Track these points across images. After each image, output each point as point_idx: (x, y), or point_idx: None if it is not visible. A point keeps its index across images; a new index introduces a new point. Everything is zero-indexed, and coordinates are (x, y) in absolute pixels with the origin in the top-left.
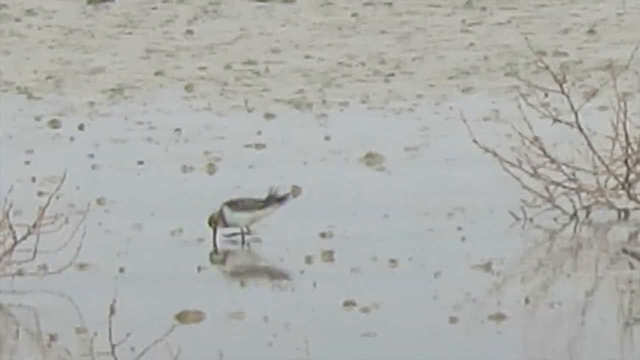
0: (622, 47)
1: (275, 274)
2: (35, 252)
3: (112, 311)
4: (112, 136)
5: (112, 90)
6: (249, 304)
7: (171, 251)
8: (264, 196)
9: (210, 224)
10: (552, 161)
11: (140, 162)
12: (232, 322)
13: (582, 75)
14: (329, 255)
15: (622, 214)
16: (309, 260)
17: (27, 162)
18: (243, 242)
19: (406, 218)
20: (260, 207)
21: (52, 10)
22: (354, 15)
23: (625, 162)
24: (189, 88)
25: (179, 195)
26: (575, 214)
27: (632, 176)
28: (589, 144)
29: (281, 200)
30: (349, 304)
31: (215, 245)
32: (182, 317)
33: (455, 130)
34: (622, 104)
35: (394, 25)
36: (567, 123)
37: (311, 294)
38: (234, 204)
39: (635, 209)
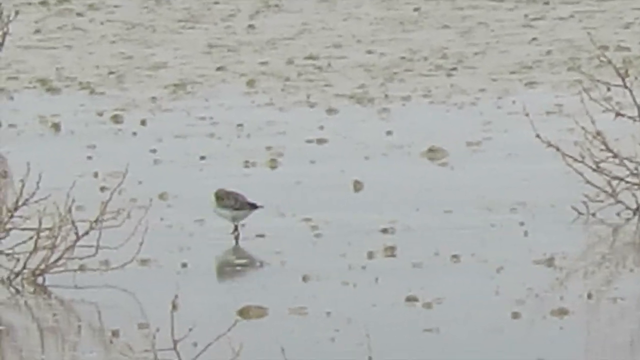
0: None
1: (337, 269)
2: (97, 248)
3: (174, 307)
4: (174, 131)
5: (175, 85)
6: (311, 300)
7: (232, 247)
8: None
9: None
10: (615, 156)
11: (203, 157)
12: (295, 318)
13: None
14: (391, 251)
15: None
16: (370, 255)
17: (90, 158)
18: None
19: (468, 213)
20: (236, 209)
21: (114, 5)
22: (416, 9)
23: None
24: (251, 83)
25: (241, 190)
26: (638, 209)
27: None
28: None
29: (252, 206)
30: (411, 299)
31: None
32: (244, 312)
33: (517, 124)
34: None
35: (456, 19)
36: (629, 117)
37: (373, 290)
38: (220, 199)
39: None
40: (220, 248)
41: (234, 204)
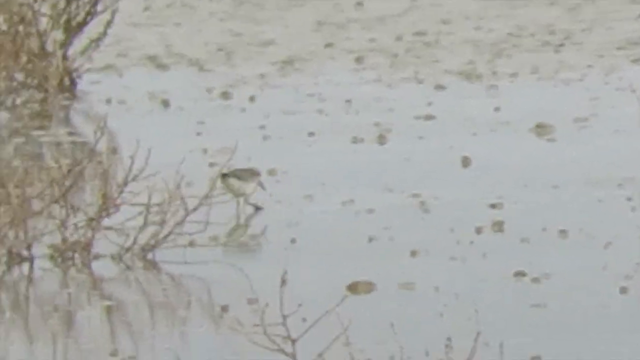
0: None
1: (445, 245)
2: (207, 223)
3: (284, 282)
4: (283, 108)
5: (283, 62)
6: (420, 275)
7: (342, 222)
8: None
9: None
10: None
11: (311, 134)
12: (403, 293)
13: None
14: (499, 226)
15: None
16: (479, 230)
17: (199, 134)
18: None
19: (576, 188)
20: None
21: None
22: None
23: None
24: (359, 60)
25: (349, 166)
26: None
27: None
28: None
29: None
30: (519, 274)
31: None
32: (353, 288)
33: (624, 100)
34: None
35: None
36: None
37: (481, 265)
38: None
39: None
40: (329, 223)
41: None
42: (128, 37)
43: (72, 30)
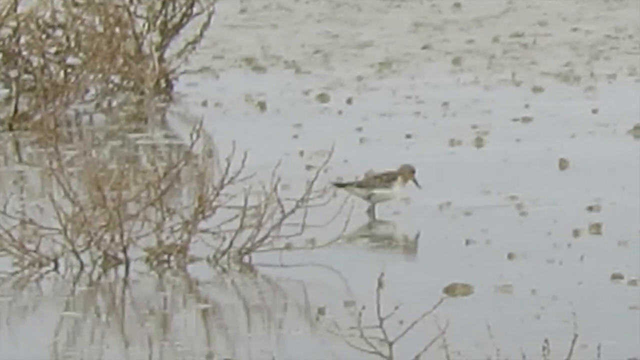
0: None
1: (543, 247)
2: (303, 226)
3: (381, 284)
4: (380, 110)
5: (380, 64)
6: (517, 277)
7: (439, 224)
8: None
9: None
10: None
11: (408, 136)
12: (501, 296)
13: None
14: (596, 228)
15: None
16: (576, 233)
17: (296, 136)
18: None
19: None
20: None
21: None
22: None
23: None
24: (456, 61)
25: (447, 168)
26: None
27: None
28: None
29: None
30: (616, 277)
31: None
32: (450, 290)
33: None
34: None
35: None
36: None
37: (578, 267)
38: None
39: None
40: (427, 226)
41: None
42: (224, 39)
43: (168, 32)
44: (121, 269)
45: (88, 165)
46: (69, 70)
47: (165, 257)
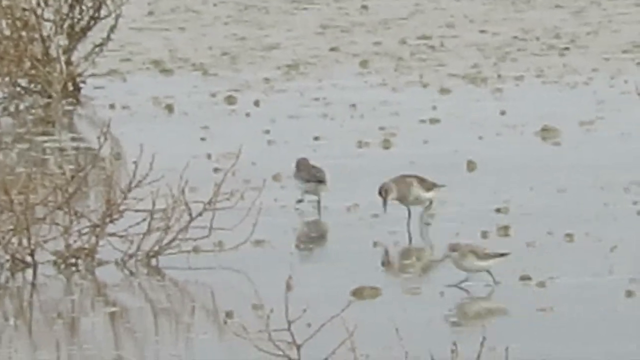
0: None
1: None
2: (211, 229)
3: (288, 287)
4: (288, 112)
5: (288, 66)
6: (425, 280)
7: (347, 227)
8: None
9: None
10: None
11: (316, 138)
12: (409, 298)
13: None
14: (504, 230)
15: None
16: (484, 235)
17: (203, 139)
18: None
19: (582, 192)
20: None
21: None
22: None
23: None
24: (364, 64)
25: (354, 170)
26: None
27: None
28: None
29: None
30: (525, 278)
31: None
32: (358, 293)
33: (630, 104)
34: None
35: None
36: None
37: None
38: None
39: None
40: (334, 229)
41: (305, 176)
42: (132, 42)
43: (75, 35)
44: (29, 272)
45: None
46: None
47: (73, 260)
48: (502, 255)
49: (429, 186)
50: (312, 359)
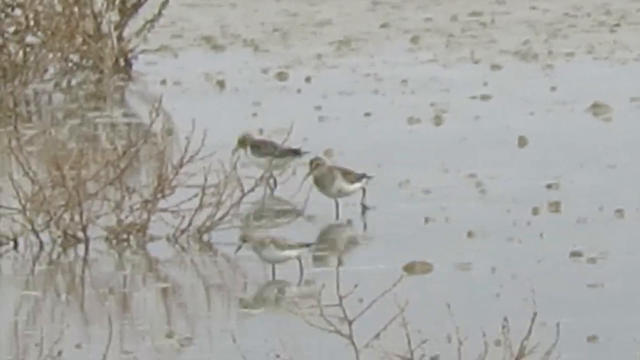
0: None
1: (502, 225)
2: (263, 205)
3: (340, 263)
4: (339, 88)
5: (339, 42)
6: (477, 255)
7: (398, 202)
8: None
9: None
10: None
11: (367, 114)
12: (460, 274)
13: None
14: (555, 206)
15: None
16: (535, 211)
17: (255, 114)
18: (273, 187)
19: (633, 168)
20: (277, 156)
21: None
22: None
23: None
24: (414, 40)
25: (405, 146)
26: None
27: None
28: None
29: (296, 152)
30: (575, 254)
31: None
32: (410, 268)
33: None
34: None
35: None
36: None
37: (538, 245)
38: (256, 147)
39: None
40: (386, 204)
41: (273, 151)
42: (183, 18)
43: (127, 11)
44: (81, 248)
45: (47, 144)
46: (28, 49)
47: (125, 236)
48: (306, 245)
49: (352, 179)
50: (363, 334)
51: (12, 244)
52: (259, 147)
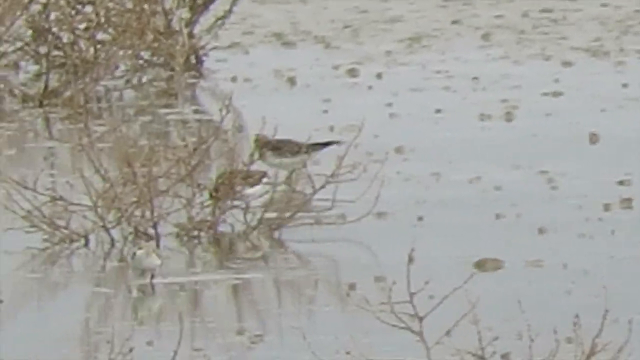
0: None
1: (573, 222)
2: (333, 201)
3: (411, 259)
4: (410, 85)
5: (410, 39)
6: (548, 252)
7: (469, 199)
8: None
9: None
10: None
11: (438, 111)
12: (531, 270)
13: None
14: (627, 203)
15: None
16: (607, 207)
17: (325, 111)
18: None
19: None
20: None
21: None
22: None
23: None
24: (486, 36)
25: (476, 143)
26: None
27: None
28: None
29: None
30: None
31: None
32: (481, 265)
33: None
34: None
35: None
36: None
37: (609, 242)
38: (277, 149)
39: None
40: (456, 201)
41: (298, 149)
42: (254, 15)
43: (197, 8)
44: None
45: (118, 141)
46: (98, 46)
47: (196, 232)
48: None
49: (254, 182)
50: (434, 331)
51: (83, 241)
52: (279, 148)
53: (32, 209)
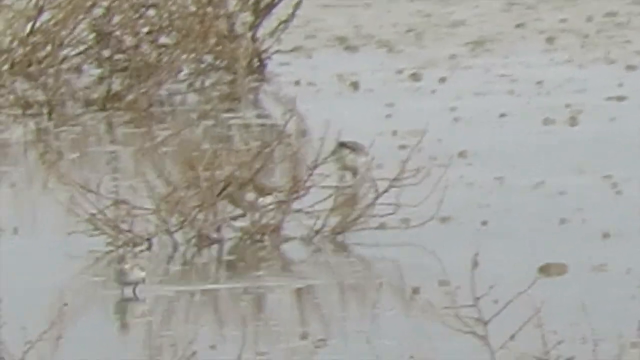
0: None
1: (638, 226)
2: (397, 206)
3: (475, 264)
4: (474, 89)
5: (473, 43)
6: (612, 257)
7: (533, 204)
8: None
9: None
10: None
11: (502, 115)
12: (596, 275)
13: None
14: None
15: None
16: None
17: (389, 116)
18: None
19: None
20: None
21: None
22: None
23: None
24: (550, 40)
25: (540, 147)
26: None
27: None
28: None
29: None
30: None
31: None
32: (545, 269)
33: None
34: None
35: None
36: None
37: None
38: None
39: None
40: (520, 205)
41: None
42: (317, 19)
43: (260, 11)
44: (215, 248)
45: (181, 145)
46: (161, 49)
47: (259, 236)
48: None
49: (266, 192)
50: (498, 335)
51: (146, 244)
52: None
53: (95, 213)
